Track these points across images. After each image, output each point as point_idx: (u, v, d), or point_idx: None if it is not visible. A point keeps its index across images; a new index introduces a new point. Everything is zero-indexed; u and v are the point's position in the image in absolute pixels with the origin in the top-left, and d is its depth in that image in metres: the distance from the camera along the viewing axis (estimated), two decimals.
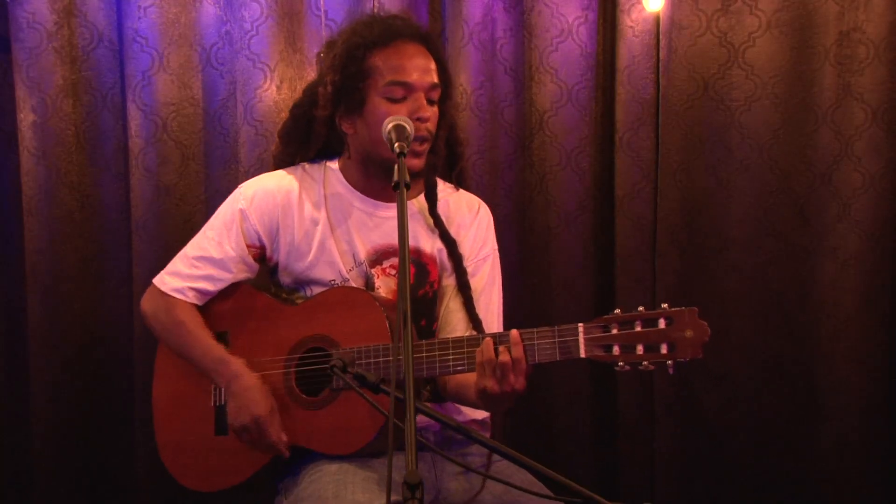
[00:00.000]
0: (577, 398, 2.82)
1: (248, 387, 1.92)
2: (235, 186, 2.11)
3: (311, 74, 2.66)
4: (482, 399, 1.78)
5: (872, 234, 2.66)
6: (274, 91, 2.64)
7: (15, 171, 2.68)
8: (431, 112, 1.92)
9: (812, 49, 2.68)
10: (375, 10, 2.62)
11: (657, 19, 2.68)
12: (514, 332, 1.75)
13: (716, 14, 2.71)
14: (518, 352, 1.73)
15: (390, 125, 1.76)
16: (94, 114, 2.72)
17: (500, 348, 1.73)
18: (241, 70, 2.64)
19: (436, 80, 1.94)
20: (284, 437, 1.91)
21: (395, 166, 1.61)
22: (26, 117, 2.64)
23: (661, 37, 2.68)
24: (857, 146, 2.65)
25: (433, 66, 1.94)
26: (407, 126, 1.77)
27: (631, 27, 2.69)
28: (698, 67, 2.73)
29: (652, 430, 2.79)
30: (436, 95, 1.95)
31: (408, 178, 1.59)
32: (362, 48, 1.92)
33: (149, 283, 2.11)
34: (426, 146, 1.93)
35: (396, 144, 1.71)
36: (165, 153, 2.70)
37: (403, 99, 1.90)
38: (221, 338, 2.02)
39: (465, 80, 2.68)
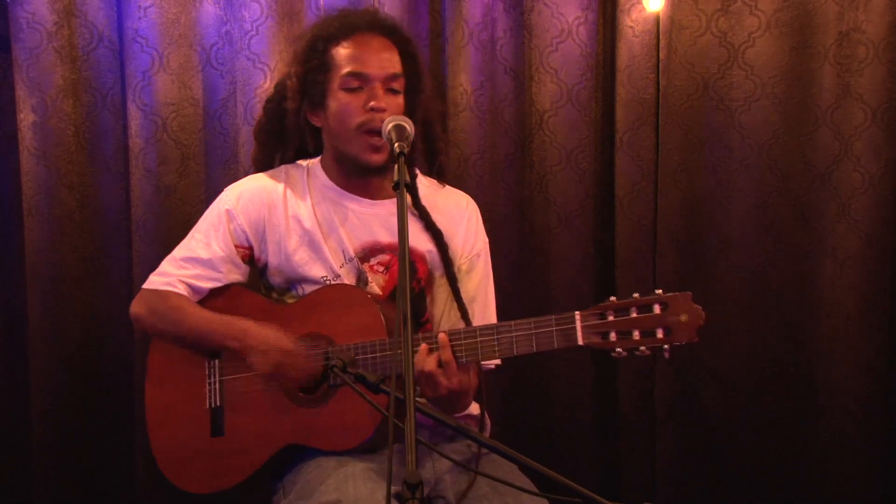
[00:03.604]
0: (578, 398, 2.82)
1: (263, 332, 1.92)
2: None
3: None
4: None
5: (872, 234, 2.66)
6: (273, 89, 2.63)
7: (15, 171, 2.68)
8: (391, 102, 1.92)
9: (812, 49, 2.68)
10: (371, 8, 2.61)
11: (657, 19, 2.68)
12: (441, 335, 1.79)
13: (716, 14, 2.72)
14: (447, 355, 1.77)
15: (390, 125, 1.76)
16: (94, 114, 2.72)
17: (429, 359, 1.77)
18: (241, 70, 2.64)
19: (396, 70, 1.94)
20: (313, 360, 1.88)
21: (395, 166, 1.61)
22: (26, 117, 2.64)
23: (661, 37, 2.68)
24: (857, 146, 2.65)
25: (396, 57, 1.95)
26: (407, 126, 1.77)
27: (631, 27, 2.69)
28: (698, 67, 2.73)
29: (652, 430, 2.79)
30: (398, 85, 1.95)
31: (408, 178, 1.59)
32: (323, 41, 1.95)
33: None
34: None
35: (396, 144, 1.71)
36: (165, 153, 2.70)
37: (360, 89, 1.91)
38: None
39: (465, 80, 2.68)
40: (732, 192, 2.75)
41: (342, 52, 1.94)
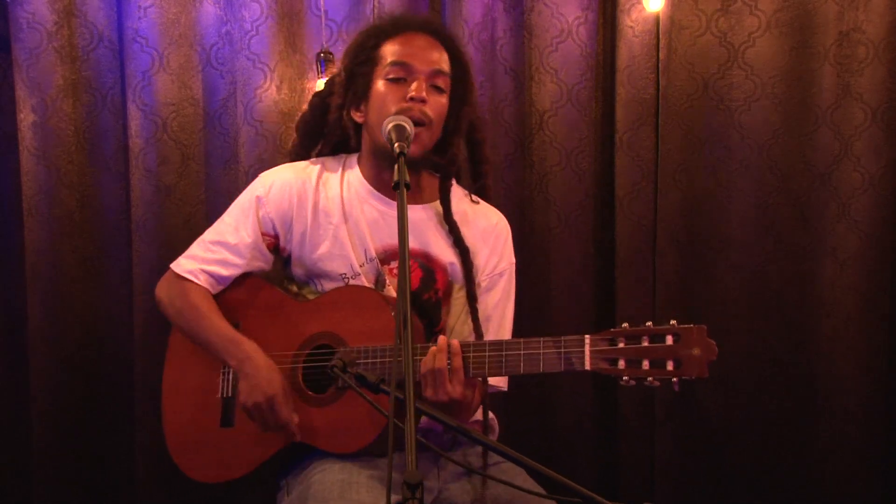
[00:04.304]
0: (578, 398, 2.82)
1: (261, 367, 1.91)
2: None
3: (311, 75, 2.67)
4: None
5: (872, 234, 2.66)
6: (274, 91, 2.64)
7: (15, 171, 2.69)
8: (433, 98, 1.92)
9: (812, 49, 2.68)
10: (375, 10, 2.62)
11: (657, 19, 2.68)
12: (454, 342, 1.78)
13: (716, 14, 2.72)
14: (457, 362, 1.77)
15: (390, 125, 1.77)
16: (94, 114, 2.72)
17: (439, 356, 1.76)
18: (241, 70, 2.64)
19: (442, 67, 1.94)
20: (296, 419, 1.90)
21: (396, 166, 1.61)
22: (26, 117, 2.64)
23: (661, 37, 2.68)
24: (857, 146, 2.65)
25: (445, 57, 1.96)
26: (407, 126, 1.77)
27: (631, 27, 2.69)
28: (698, 67, 2.73)
29: (652, 430, 2.79)
30: (443, 84, 1.95)
31: (407, 178, 1.59)
32: (373, 37, 1.97)
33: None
34: (422, 130, 1.90)
35: (396, 144, 1.71)
36: (165, 153, 2.70)
37: (402, 80, 1.91)
38: None
39: None
40: (732, 192, 2.75)
41: (390, 46, 1.95)
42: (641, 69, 2.70)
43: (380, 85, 1.93)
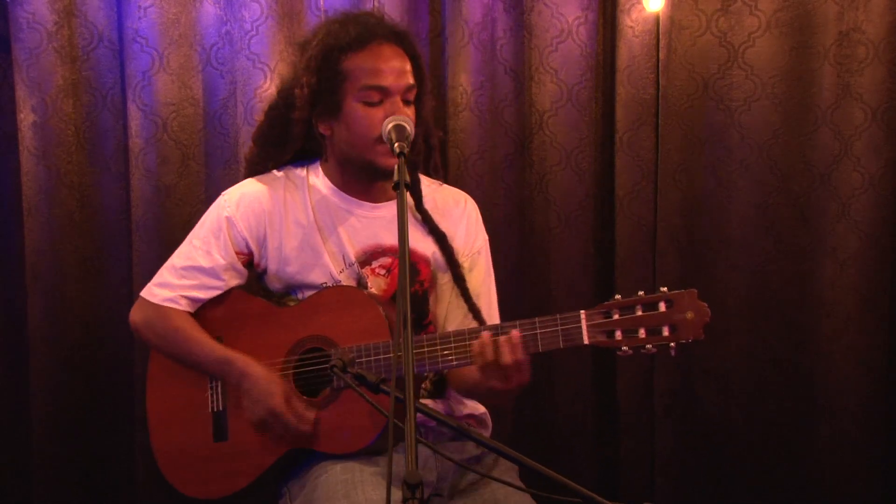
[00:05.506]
0: (578, 397, 2.82)
1: (259, 379, 1.91)
2: None
3: None
4: (490, 396, 1.84)
5: (872, 234, 2.66)
6: (274, 91, 2.63)
7: (15, 171, 2.68)
8: (409, 113, 1.92)
9: (812, 49, 2.68)
10: (375, 10, 2.62)
11: (657, 19, 2.68)
12: (514, 333, 1.76)
13: (716, 14, 2.72)
14: (518, 353, 1.76)
15: (390, 125, 1.78)
16: (94, 114, 2.72)
17: (502, 349, 1.75)
18: (241, 70, 2.64)
19: (411, 81, 1.94)
20: (308, 415, 1.89)
21: (396, 166, 1.61)
22: (26, 117, 2.64)
23: (661, 37, 2.68)
24: (857, 146, 2.65)
25: (408, 66, 1.94)
26: (407, 126, 1.78)
27: (631, 27, 2.69)
28: (698, 67, 2.73)
29: (652, 429, 2.79)
30: (412, 96, 1.95)
31: (408, 178, 1.60)
32: (337, 51, 1.92)
33: (149, 282, 2.10)
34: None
35: (396, 144, 1.72)
36: (165, 153, 2.70)
37: (380, 102, 1.90)
38: None
39: (465, 80, 2.68)
40: (732, 192, 2.75)
41: (359, 63, 1.91)
42: (641, 69, 2.70)
43: (355, 106, 1.91)
